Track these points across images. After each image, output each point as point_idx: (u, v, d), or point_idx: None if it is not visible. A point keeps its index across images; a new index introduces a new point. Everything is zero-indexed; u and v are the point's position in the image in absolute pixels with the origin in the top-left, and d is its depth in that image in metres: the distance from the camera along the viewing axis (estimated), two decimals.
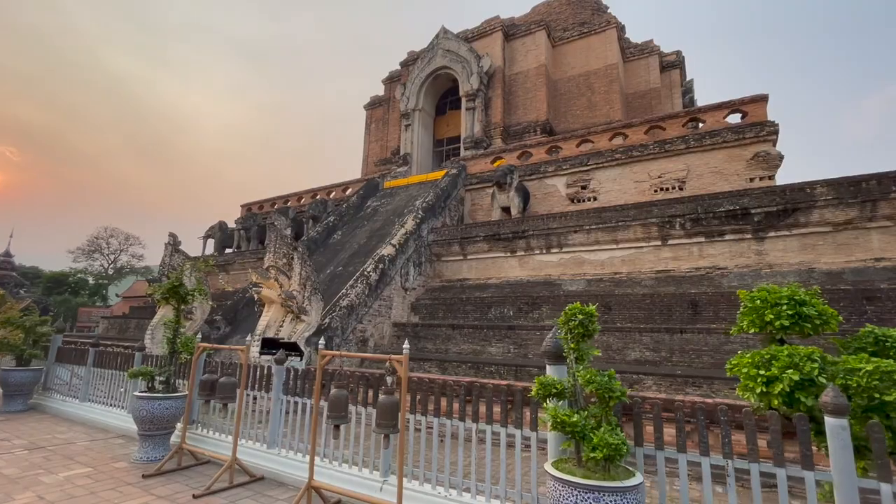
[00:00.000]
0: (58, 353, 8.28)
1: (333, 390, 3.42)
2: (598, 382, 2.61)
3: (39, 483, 4.59)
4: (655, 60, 22.53)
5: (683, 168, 13.38)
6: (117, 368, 7.18)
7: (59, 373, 8.02)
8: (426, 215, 14.58)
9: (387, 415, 3.05)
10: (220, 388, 4.61)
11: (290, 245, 9.52)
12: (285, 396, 4.95)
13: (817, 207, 9.63)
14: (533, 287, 12.36)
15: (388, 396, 3.11)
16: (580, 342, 2.91)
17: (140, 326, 20.64)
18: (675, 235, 11.06)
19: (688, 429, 4.69)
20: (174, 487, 4.49)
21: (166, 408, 5.17)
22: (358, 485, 3.81)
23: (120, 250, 50.74)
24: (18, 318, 7.70)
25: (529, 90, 20.48)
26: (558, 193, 15.37)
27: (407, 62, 23.85)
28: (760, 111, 12.79)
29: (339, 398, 3.34)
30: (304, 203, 22.54)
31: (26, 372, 7.79)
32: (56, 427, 6.95)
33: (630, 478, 2.49)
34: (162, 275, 11.57)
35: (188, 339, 5.26)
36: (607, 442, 2.37)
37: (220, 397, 4.56)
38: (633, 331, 9.44)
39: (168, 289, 5.13)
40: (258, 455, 4.89)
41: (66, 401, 7.71)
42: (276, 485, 4.62)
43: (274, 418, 4.96)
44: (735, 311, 9.33)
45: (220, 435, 5.46)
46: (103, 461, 5.30)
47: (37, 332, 8.00)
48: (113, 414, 6.96)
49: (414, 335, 12.21)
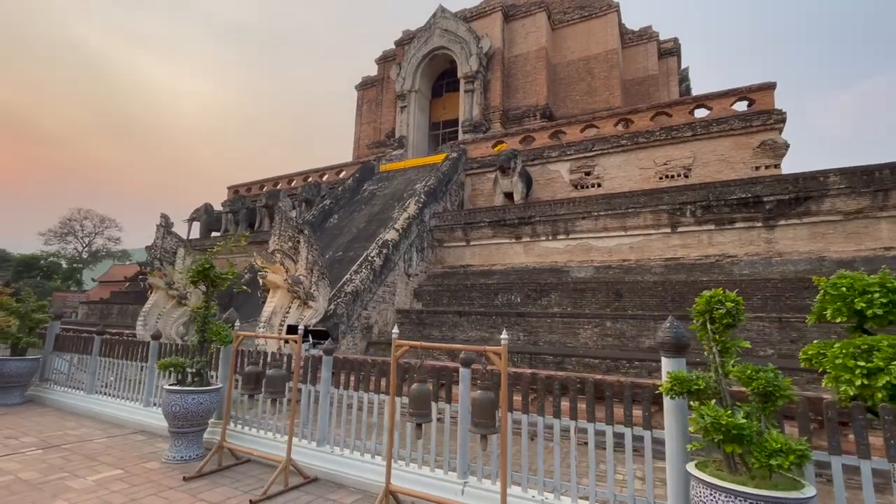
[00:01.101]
0: (56, 342, 7.68)
1: (416, 385, 3.11)
2: (762, 379, 2.37)
3: (69, 489, 4.07)
4: (654, 47, 22.36)
5: (690, 155, 13.30)
6: (129, 358, 6.66)
7: (57, 363, 7.43)
8: (428, 200, 14.21)
9: (485, 413, 2.76)
10: (269, 382, 4.18)
11: (296, 228, 9.08)
12: (336, 390, 4.57)
13: (829, 196, 9.65)
14: (539, 274, 12.20)
15: (484, 392, 2.82)
16: (723, 333, 2.69)
17: (123, 312, 19.84)
18: (684, 223, 10.99)
19: None
20: (224, 492, 4.07)
21: (201, 402, 4.73)
22: (435, 487, 3.52)
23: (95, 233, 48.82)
24: (12, 304, 7.08)
25: (529, 73, 20.09)
26: (561, 179, 15.17)
27: (402, 41, 23.11)
28: (768, 99, 12.75)
29: (422, 394, 3.04)
30: (296, 186, 21.85)
31: (23, 362, 7.20)
32: (63, 422, 6.40)
33: (802, 488, 2.23)
34: (154, 258, 10.98)
35: (220, 326, 4.85)
36: (792, 448, 2.14)
37: (269, 392, 4.15)
38: (647, 318, 9.36)
39: (198, 271, 4.69)
40: (307, 453, 4.53)
41: (69, 392, 7.15)
42: (333, 486, 4.24)
43: (323, 414, 4.60)
44: (747, 299, 9.38)
45: (260, 431, 5.09)
46: (131, 461, 4.83)
47: (33, 318, 7.40)
48: (127, 407, 6.44)
49: (419, 322, 11.95)
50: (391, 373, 3.35)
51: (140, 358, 6.52)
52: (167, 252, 11.32)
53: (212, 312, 4.92)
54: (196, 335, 4.84)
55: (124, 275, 40.44)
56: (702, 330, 2.78)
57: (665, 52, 23.22)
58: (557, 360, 8.87)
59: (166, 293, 11.16)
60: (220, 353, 5.41)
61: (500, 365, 2.87)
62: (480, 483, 3.56)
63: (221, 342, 4.90)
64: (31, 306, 7.32)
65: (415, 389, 3.10)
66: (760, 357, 8.17)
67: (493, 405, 2.82)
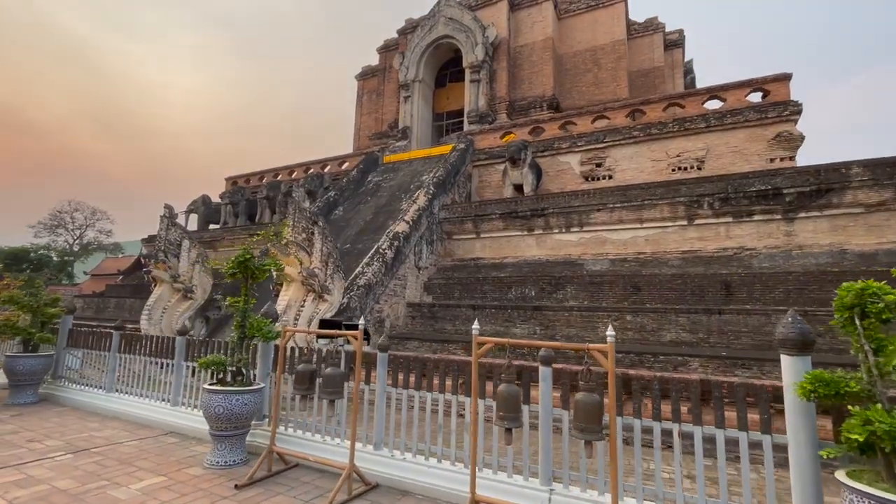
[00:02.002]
0: (70, 337, 7.30)
1: (504, 386, 2.88)
2: None
3: (116, 501, 3.75)
4: (660, 38, 22.13)
5: (703, 147, 13.15)
6: (153, 355, 6.31)
7: (70, 360, 7.07)
8: (437, 191, 13.95)
9: (590, 417, 2.54)
10: (326, 381, 3.86)
11: (310, 219, 8.80)
12: (395, 389, 4.29)
13: (851, 188, 9.53)
14: (553, 267, 12.02)
15: (588, 394, 2.59)
16: (877, 330, 2.50)
17: (120, 306, 19.43)
18: (702, 215, 10.84)
19: None
20: (283, 502, 3.77)
21: (245, 403, 4.41)
22: (516, 495, 3.31)
23: (86, 225, 47.92)
24: (24, 297, 6.70)
25: (535, 64, 19.79)
26: (571, 171, 14.96)
27: (405, 30, 22.67)
28: (783, 90, 12.60)
29: (512, 395, 2.79)
30: (297, 177, 21.43)
31: (36, 359, 6.81)
32: (86, 423, 6.02)
33: None
34: (159, 250, 10.64)
35: (261, 321, 4.57)
36: None
37: (327, 392, 3.83)
38: (668, 311, 9.22)
39: (238, 262, 4.40)
40: (366, 458, 4.25)
41: (86, 391, 6.79)
42: (398, 493, 3.97)
43: (379, 415, 4.33)
44: (769, 292, 9.28)
45: (307, 433, 4.77)
46: (170, 466, 4.50)
47: (46, 312, 7.01)
48: (154, 407, 6.09)
49: (431, 316, 11.74)
50: (473, 372, 3.10)
51: (165, 354, 6.19)
52: (171, 244, 10.98)
53: (251, 306, 4.64)
54: (235, 331, 4.54)
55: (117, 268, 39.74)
56: (849, 326, 2.61)
57: (670, 44, 23.00)
58: (579, 356, 8.70)
59: (171, 286, 10.84)
60: (259, 350, 5.11)
61: (606, 364, 2.64)
62: (568, 490, 3.35)
63: (264, 338, 4.62)
64: (44, 299, 6.95)
65: (503, 390, 2.86)
66: None
67: (600, 408, 2.61)
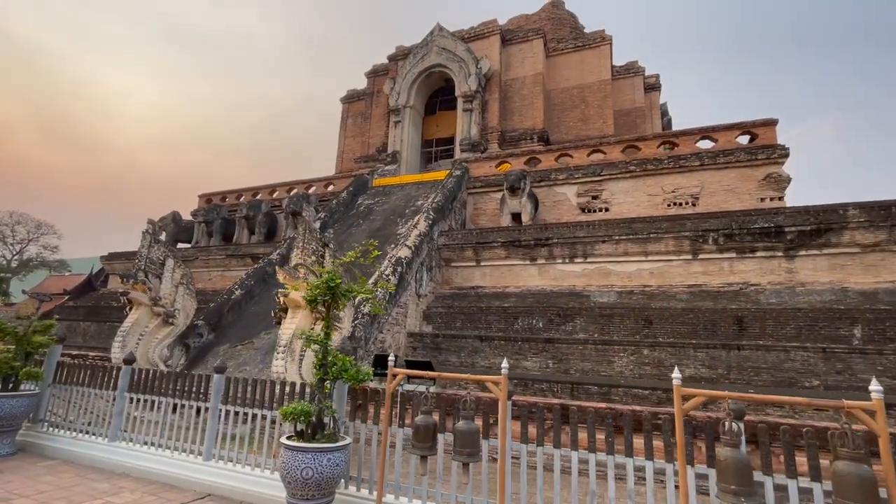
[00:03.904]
0: (58, 371, 5.98)
1: (726, 451, 2.36)
2: None
3: None
4: (640, 81, 23.29)
5: (697, 184, 13.55)
6: (177, 396, 5.22)
7: (50, 400, 5.76)
8: (437, 217, 13.60)
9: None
10: (459, 439, 3.05)
11: (320, 240, 8.18)
12: (526, 445, 3.39)
13: (848, 229, 9.93)
14: (558, 297, 11.78)
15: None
16: None
17: (72, 330, 17.53)
18: (706, 250, 10.99)
19: None
20: None
21: (336, 464, 3.54)
22: None
23: (28, 240, 44.04)
24: (6, 324, 5.49)
25: (526, 97, 20.21)
26: (568, 202, 15.04)
27: (395, 56, 22.74)
28: (770, 134, 13.28)
29: (743, 464, 2.28)
30: (278, 197, 20.55)
31: (18, 399, 5.50)
32: (91, 483, 4.78)
33: None
34: (139, 269, 9.60)
35: (346, 359, 3.82)
36: None
37: (461, 452, 2.99)
38: (685, 346, 9.11)
39: (327, 287, 3.69)
40: None
41: (81, 439, 5.53)
42: None
43: (509, 480, 3.27)
44: (780, 328, 9.36)
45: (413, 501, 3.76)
46: None
47: (33, 341, 5.69)
48: (179, 462, 4.95)
49: (434, 346, 11.16)
50: (678, 431, 2.37)
51: (194, 395, 5.12)
52: (153, 262, 9.96)
53: (331, 340, 3.94)
54: (315, 371, 3.77)
55: (63, 287, 36.42)
56: None
57: (648, 87, 24.23)
58: (603, 391, 8.37)
59: (150, 310, 9.76)
60: (334, 394, 4.16)
61: (875, 426, 2.10)
62: None
63: (352, 381, 3.85)
64: (36, 325, 5.75)
65: (727, 455, 2.33)
66: (807, 388, 8.06)
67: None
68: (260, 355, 9.99)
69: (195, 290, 10.65)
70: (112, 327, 15.89)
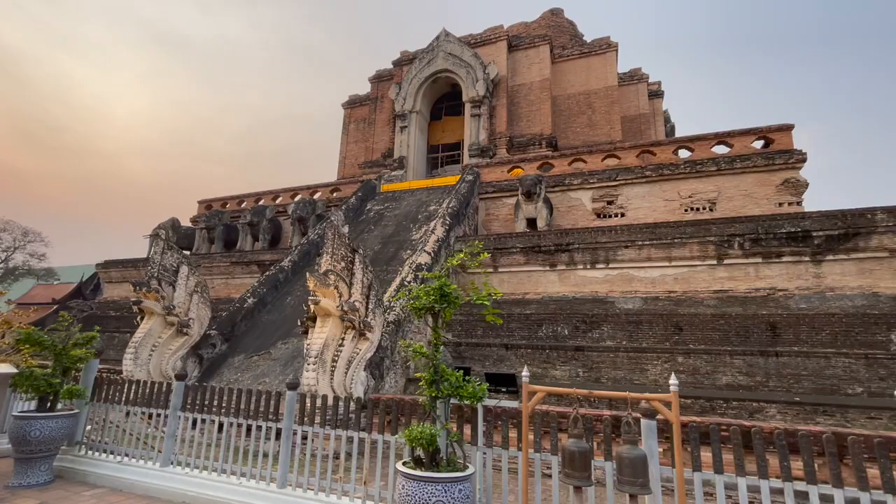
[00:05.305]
0: (96, 388, 5.43)
1: None
2: None
3: None
4: (644, 87, 23.39)
5: (714, 189, 13.49)
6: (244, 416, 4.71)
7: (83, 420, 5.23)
8: (453, 222, 13.33)
9: None
10: (626, 467, 2.56)
11: (349, 246, 7.84)
12: (700, 473, 2.91)
13: (877, 233, 9.87)
14: (581, 304, 11.55)
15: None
16: None
17: None
18: (731, 255, 10.86)
19: None
20: None
21: (467, 496, 3.15)
22: None
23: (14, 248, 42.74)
24: (42, 336, 5.00)
25: (533, 103, 20.13)
26: (583, 207, 14.89)
27: (401, 61, 22.56)
28: (787, 139, 13.28)
29: None
30: (282, 203, 20.12)
31: (57, 420, 4.95)
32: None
33: None
34: (152, 276, 9.16)
35: (456, 375, 3.48)
36: None
37: (629, 483, 2.52)
38: (721, 353, 8.91)
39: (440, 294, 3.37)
40: None
41: (128, 463, 5.00)
42: None
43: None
44: (815, 334, 9.21)
45: None
46: None
47: (72, 356, 5.15)
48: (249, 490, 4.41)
49: (456, 355, 10.83)
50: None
51: (263, 415, 4.61)
52: (167, 270, 9.53)
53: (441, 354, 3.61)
54: (426, 388, 3.41)
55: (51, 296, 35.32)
56: None
57: (652, 94, 24.37)
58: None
59: (164, 319, 9.31)
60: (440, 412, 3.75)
61: None
62: None
63: (467, 398, 3.48)
64: (75, 339, 5.26)
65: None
66: (850, 395, 7.89)
67: None
68: (279, 366, 9.56)
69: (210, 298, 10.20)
70: (111, 337, 15.29)
